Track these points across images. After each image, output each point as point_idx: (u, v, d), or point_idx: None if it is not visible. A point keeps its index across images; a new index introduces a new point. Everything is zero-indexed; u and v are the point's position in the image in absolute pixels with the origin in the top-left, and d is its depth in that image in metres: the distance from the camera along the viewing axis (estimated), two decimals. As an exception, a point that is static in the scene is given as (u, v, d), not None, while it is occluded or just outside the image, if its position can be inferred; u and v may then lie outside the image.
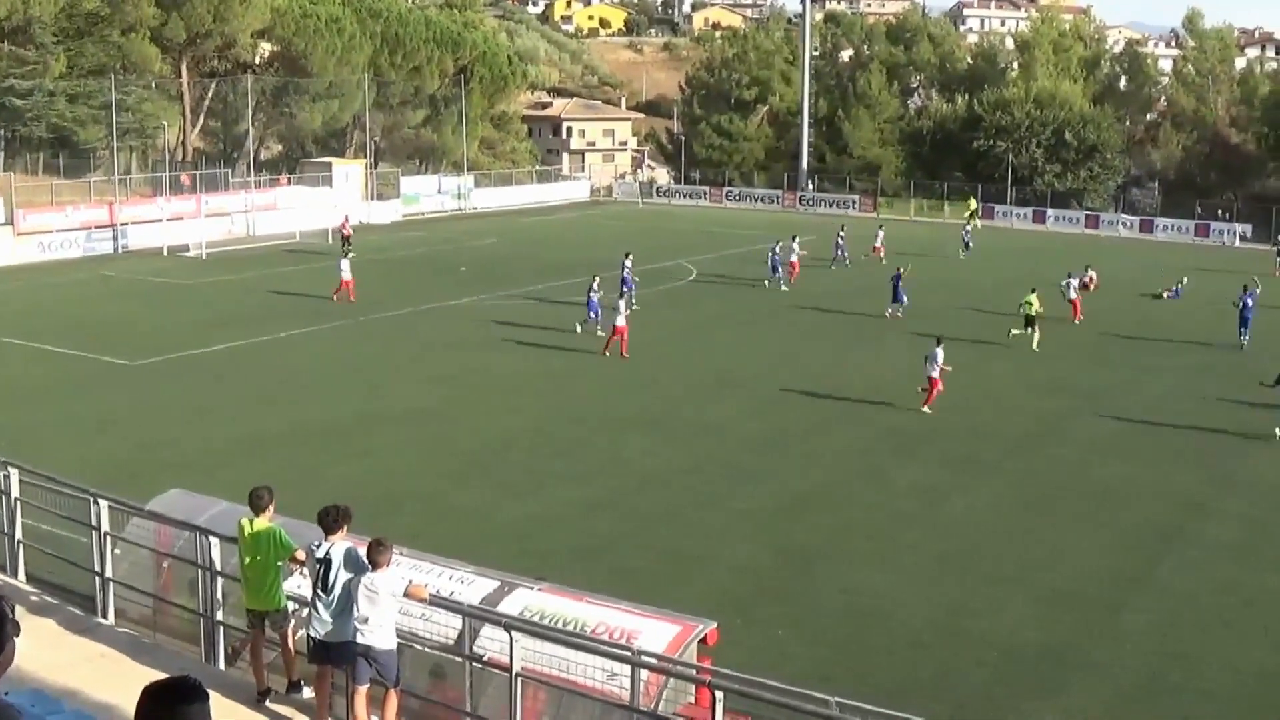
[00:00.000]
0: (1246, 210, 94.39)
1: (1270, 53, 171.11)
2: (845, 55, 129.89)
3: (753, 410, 39.03)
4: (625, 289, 53.01)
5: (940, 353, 38.63)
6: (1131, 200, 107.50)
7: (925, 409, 38.35)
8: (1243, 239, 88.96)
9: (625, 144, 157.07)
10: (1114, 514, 29.80)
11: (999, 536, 28.26)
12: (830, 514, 29.54)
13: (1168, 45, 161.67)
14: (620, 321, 44.18)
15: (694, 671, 13.81)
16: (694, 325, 51.35)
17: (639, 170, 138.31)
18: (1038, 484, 32.18)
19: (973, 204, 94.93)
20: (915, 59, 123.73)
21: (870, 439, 36.18)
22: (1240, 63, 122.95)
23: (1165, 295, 61.73)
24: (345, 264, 55.62)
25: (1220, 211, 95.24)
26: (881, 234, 73.22)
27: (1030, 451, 35.28)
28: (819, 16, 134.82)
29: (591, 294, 48.22)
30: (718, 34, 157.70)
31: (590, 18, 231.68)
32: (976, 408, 39.69)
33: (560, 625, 14.04)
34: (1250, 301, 49.81)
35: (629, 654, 13.14)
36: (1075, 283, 55.33)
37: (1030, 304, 48.51)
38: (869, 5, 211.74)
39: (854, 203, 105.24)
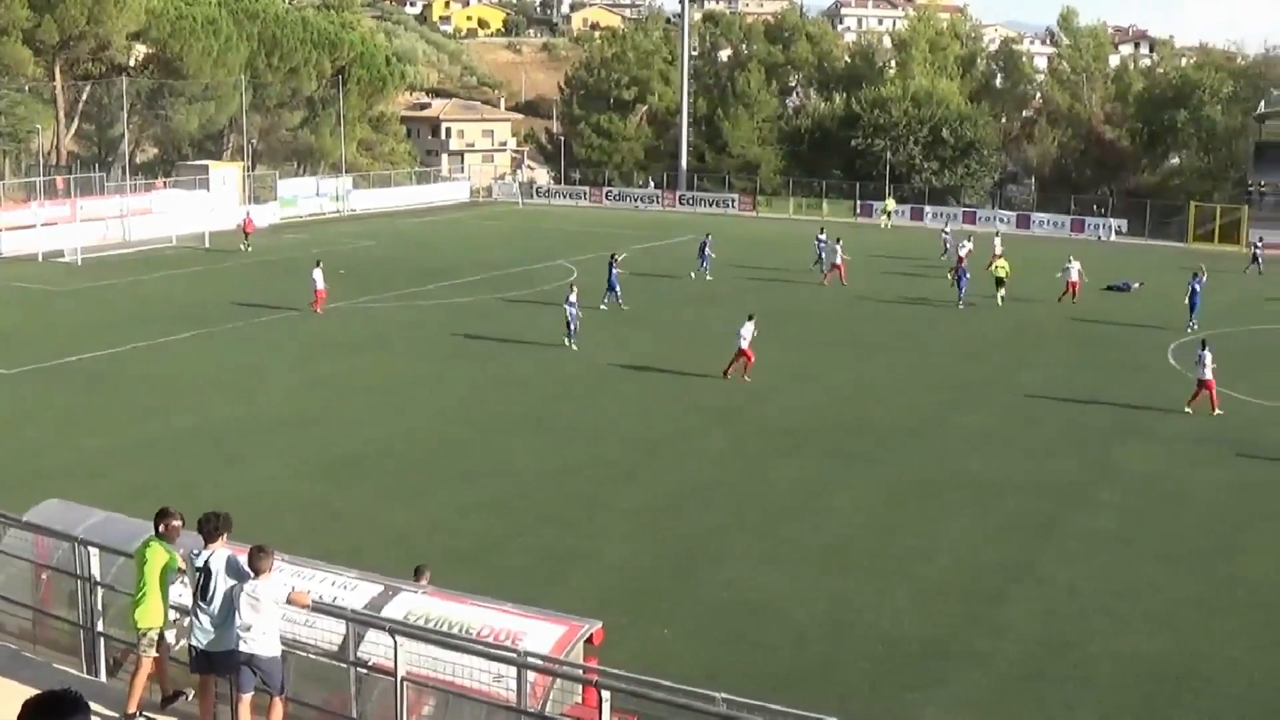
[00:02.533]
0: (1121, 205, 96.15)
1: (1144, 50, 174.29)
2: (724, 55, 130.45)
3: (634, 409, 39.10)
4: (610, 291, 54.69)
5: (1208, 355, 38.32)
6: (1008, 196, 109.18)
7: (1188, 409, 38.43)
8: (1118, 233, 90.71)
9: (505, 145, 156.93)
10: (993, 505, 30.23)
11: (880, 529, 28.59)
12: (712, 511, 29.67)
13: (1043, 43, 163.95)
14: (744, 344, 42.31)
15: (580, 672, 13.86)
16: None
17: (519, 171, 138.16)
18: (917, 476, 32.54)
19: (890, 204, 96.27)
20: (793, 58, 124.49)
21: (752, 435, 36.39)
22: (1114, 60, 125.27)
23: (1127, 287, 64.01)
24: (318, 273, 53.38)
25: (1095, 206, 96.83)
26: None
27: (910, 444, 35.64)
28: (697, 16, 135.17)
29: (569, 305, 46.75)
30: (596, 34, 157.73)
31: (469, 18, 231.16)
32: (857, 402, 40.14)
33: (445, 628, 14.02)
34: (1198, 288, 52.09)
35: (514, 655, 13.16)
36: (1077, 266, 58.79)
37: (1001, 268, 57.82)
38: (747, 5, 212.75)
39: (733, 201, 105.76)
